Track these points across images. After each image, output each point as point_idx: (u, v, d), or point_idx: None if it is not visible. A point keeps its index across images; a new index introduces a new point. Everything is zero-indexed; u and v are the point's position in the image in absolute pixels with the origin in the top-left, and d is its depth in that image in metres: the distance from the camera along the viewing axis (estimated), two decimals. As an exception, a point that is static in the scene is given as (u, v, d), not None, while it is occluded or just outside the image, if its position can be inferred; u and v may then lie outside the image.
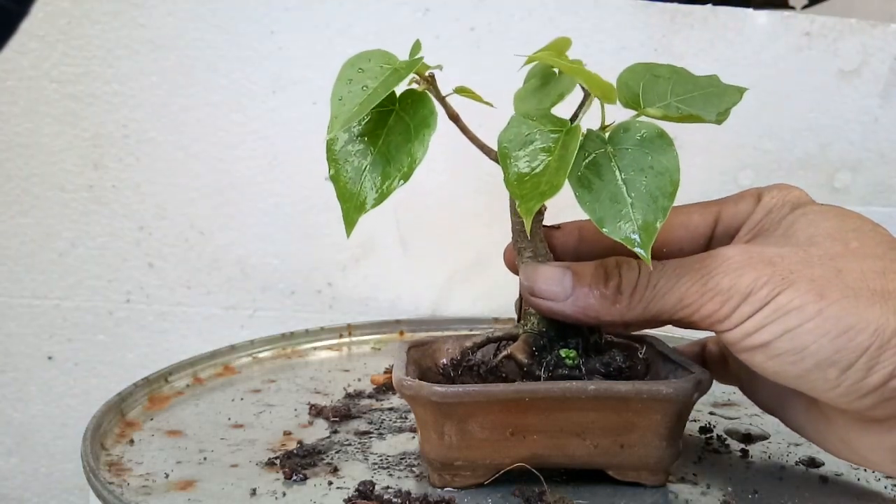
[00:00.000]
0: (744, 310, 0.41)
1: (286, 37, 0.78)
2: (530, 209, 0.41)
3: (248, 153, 0.80)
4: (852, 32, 0.74)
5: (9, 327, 0.83)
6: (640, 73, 0.47)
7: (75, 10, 0.77)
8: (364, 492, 0.46)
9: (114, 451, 0.53)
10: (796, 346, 0.40)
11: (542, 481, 0.45)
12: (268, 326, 0.82)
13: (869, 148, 0.76)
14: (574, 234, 0.50)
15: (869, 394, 0.40)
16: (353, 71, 0.44)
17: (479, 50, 0.77)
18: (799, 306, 0.40)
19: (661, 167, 0.42)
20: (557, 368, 0.46)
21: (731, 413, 0.59)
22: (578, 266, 0.45)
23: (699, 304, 0.42)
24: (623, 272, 0.44)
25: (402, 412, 0.59)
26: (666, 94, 0.46)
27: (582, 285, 0.45)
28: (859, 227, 0.43)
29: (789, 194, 0.47)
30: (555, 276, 0.45)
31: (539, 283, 0.45)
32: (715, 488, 0.47)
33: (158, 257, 0.82)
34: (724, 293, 0.41)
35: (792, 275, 0.41)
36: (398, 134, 0.44)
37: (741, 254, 0.42)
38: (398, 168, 0.43)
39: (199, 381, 0.65)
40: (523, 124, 0.44)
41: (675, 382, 0.44)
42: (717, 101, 0.46)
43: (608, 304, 0.44)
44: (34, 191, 0.81)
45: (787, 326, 0.40)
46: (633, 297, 0.44)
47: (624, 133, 0.43)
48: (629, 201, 0.41)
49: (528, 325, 0.48)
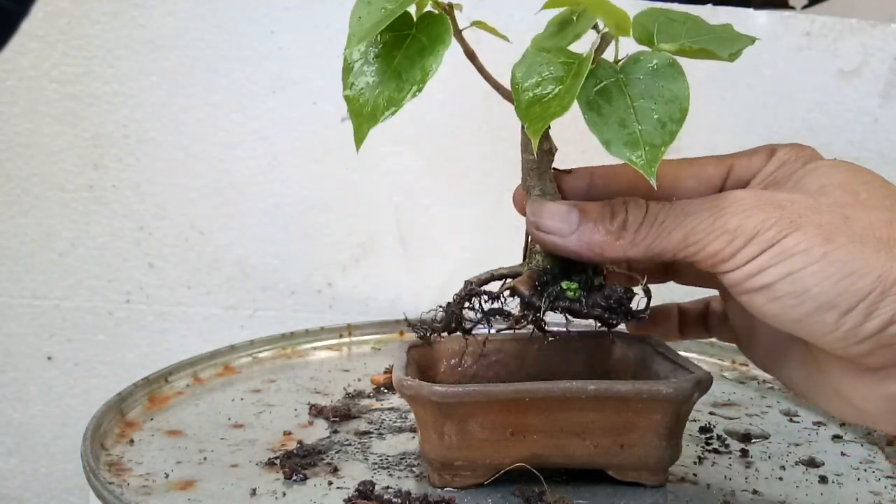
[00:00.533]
0: (749, 250, 0.41)
1: (286, 37, 0.78)
2: (537, 130, 0.41)
3: (248, 153, 0.80)
4: (852, 32, 0.74)
5: (9, 327, 0.83)
6: (655, 16, 0.47)
7: (75, 10, 0.77)
8: (364, 492, 0.46)
9: (114, 451, 0.53)
10: (798, 289, 0.40)
11: (542, 481, 0.45)
12: (268, 326, 0.82)
13: (869, 148, 0.76)
14: (585, 178, 0.49)
15: (866, 339, 0.40)
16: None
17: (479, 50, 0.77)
18: (805, 249, 0.40)
19: (670, 95, 0.42)
20: (558, 300, 0.45)
21: (731, 413, 0.59)
22: (585, 204, 0.45)
23: (704, 242, 0.42)
24: (630, 209, 0.44)
25: (402, 412, 0.59)
26: (680, 36, 0.46)
27: (587, 221, 0.45)
28: (870, 181, 0.43)
29: (803, 151, 0.47)
30: (561, 212, 0.45)
31: (545, 217, 0.45)
32: (715, 488, 0.47)
33: (158, 257, 0.82)
34: (731, 232, 0.41)
35: (800, 218, 0.41)
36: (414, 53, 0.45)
37: (751, 196, 0.42)
38: (411, 81, 0.44)
39: (199, 381, 0.65)
40: (537, 56, 0.44)
41: (675, 382, 0.44)
42: (729, 43, 0.47)
43: (612, 240, 0.44)
44: (34, 191, 0.81)
45: (791, 268, 0.40)
46: (639, 232, 0.44)
47: (636, 63, 0.44)
48: (637, 126, 0.41)
49: (532, 263, 0.47)
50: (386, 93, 0.44)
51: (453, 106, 0.79)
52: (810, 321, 0.41)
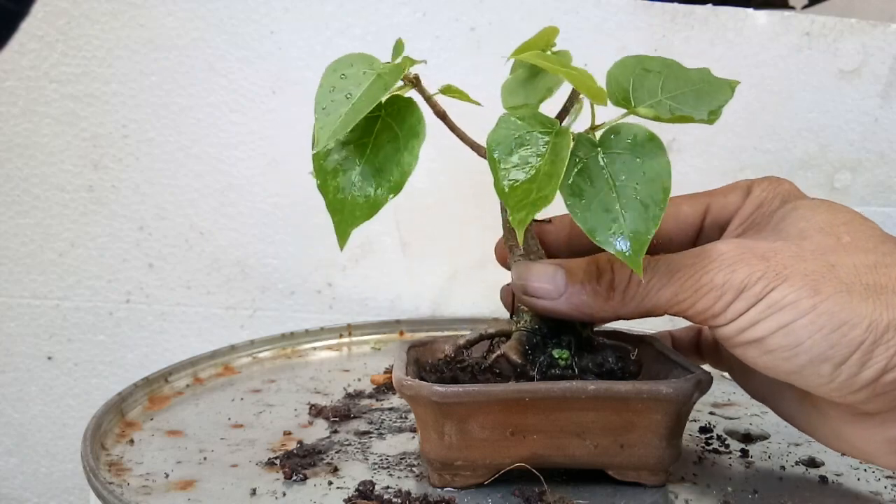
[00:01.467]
0: (738, 305, 0.41)
1: (286, 37, 0.78)
2: (522, 220, 0.40)
3: (248, 153, 0.80)
4: (852, 32, 0.74)
5: (9, 327, 0.83)
6: (630, 68, 0.46)
7: (75, 10, 0.77)
8: (364, 492, 0.46)
9: (114, 451, 0.53)
10: (790, 342, 0.40)
11: (542, 481, 0.45)
12: (268, 326, 0.82)
13: (869, 148, 0.76)
14: (565, 228, 0.50)
15: (862, 389, 0.40)
16: (335, 77, 0.43)
17: (479, 50, 0.77)
18: (793, 302, 0.40)
19: (652, 173, 0.41)
20: (550, 369, 0.46)
21: (731, 413, 0.59)
22: (570, 263, 0.45)
23: (693, 300, 0.42)
24: (616, 269, 0.44)
25: (402, 412, 0.59)
26: (657, 91, 0.45)
27: (574, 282, 0.44)
28: (850, 221, 0.43)
29: (779, 187, 0.47)
30: (547, 274, 0.45)
31: (532, 281, 0.45)
32: (715, 488, 0.47)
33: (158, 257, 0.82)
34: (718, 289, 0.41)
35: (785, 270, 0.41)
36: (386, 143, 0.43)
37: (734, 249, 0.42)
38: (388, 179, 0.43)
39: (199, 381, 0.65)
40: (512, 125, 0.43)
41: (675, 382, 0.44)
42: (708, 98, 0.45)
43: (602, 301, 0.44)
44: (34, 191, 0.81)
45: (782, 322, 0.40)
46: (627, 293, 0.44)
47: (615, 137, 0.43)
48: (620, 211, 0.41)
49: (520, 323, 0.48)
50: (364, 192, 0.43)
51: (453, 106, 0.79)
52: (805, 373, 0.41)
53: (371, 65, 0.44)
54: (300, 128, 0.80)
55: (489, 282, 0.80)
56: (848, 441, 0.45)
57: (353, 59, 0.44)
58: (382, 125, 0.43)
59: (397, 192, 0.43)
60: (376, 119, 0.43)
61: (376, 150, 0.43)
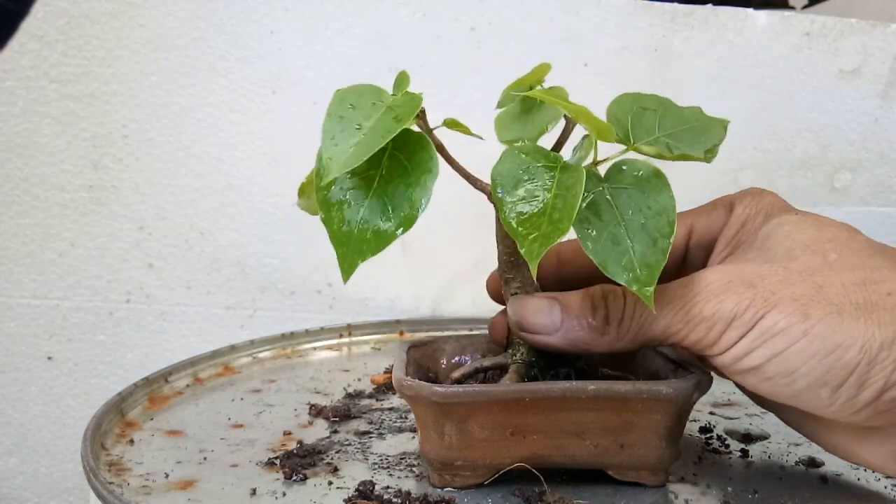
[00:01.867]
0: (730, 335, 0.41)
1: (286, 37, 0.78)
2: (536, 253, 0.40)
3: (248, 153, 0.80)
4: (852, 32, 0.74)
5: (9, 327, 0.83)
6: (627, 106, 0.47)
7: (75, 10, 0.77)
8: (364, 492, 0.46)
9: (114, 451, 0.53)
10: (786, 369, 0.40)
11: (542, 481, 0.45)
12: (268, 326, 0.82)
13: (869, 148, 0.76)
14: (553, 257, 0.50)
15: (864, 409, 0.40)
16: (343, 107, 0.43)
17: (479, 50, 0.77)
18: (784, 328, 0.40)
19: (658, 207, 0.42)
20: None
21: (731, 413, 0.59)
22: (566, 297, 0.45)
23: (685, 332, 0.42)
24: (609, 303, 0.44)
25: (402, 412, 0.59)
26: (654, 129, 0.46)
27: (570, 317, 0.45)
28: (836, 237, 0.43)
29: (762, 201, 0.47)
30: (543, 309, 0.45)
31: (528, 316, 0.45)
32: (715, 488, 0.47)
33: (158, 257, 0.82)
34: (709, 320, 0.42)
35: (774, 295, 0.41)
36: (396, 177, 0.42)
37: (721, 277, 0.42)
38: (398, 215, 0.42)
39: (199, 381, 0.65)
40: (516, 159, 0.43)
41: (675, 382, 0.44)
42: (702, 136, 0.46)
43: (597, 335, 0.44)
44: (34, 191, 0.81)
45: (775, 350, 0.40)
46: (621, 327, 0.44)
47: (620, 172, 0.43)
48: (630, 244, 0.41)
49: (517, 356, 0.48)
50: (373, 227, 0.42)
51: (453, 107, 0.79)
52: (804, 398, 0.41)
53: (380, 97, 0.43)
54: (300, 128, 0.81)
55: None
56: (855, 453, 0.45)
57: (362, 89, 0.44)
58: (391, 158, 0.43)
59: (408, 229, 0.42)
60: (383, 152, 0.43)
61: (385, 184, 0.42)
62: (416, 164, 0.43)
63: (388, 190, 0.42)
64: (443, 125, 0.45)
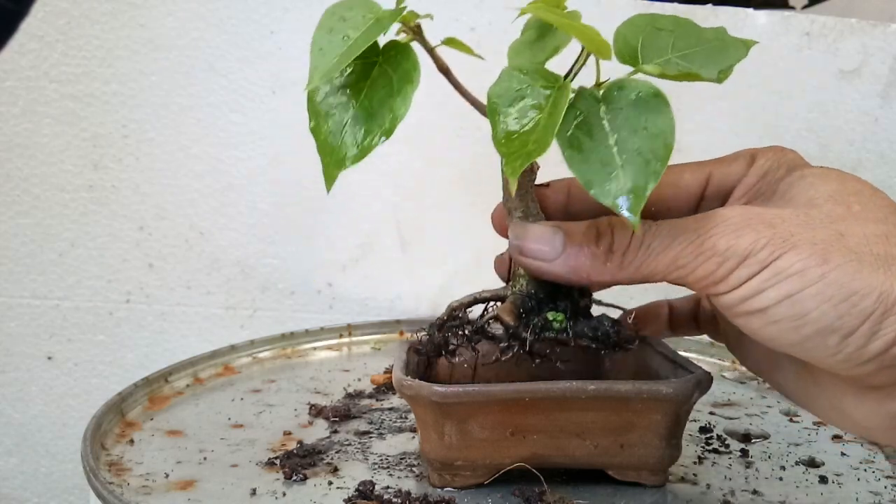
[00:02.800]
0: (741, 272, 0.40)
1: (286, 37, 0.78)
2: (515, 169, 0.39)
3: (248, 153, 0.80)
4: (852, 32, 0.74)
5: (9, 327, 0.83)
6: (640, 27, 0.45)
7: (75, 10, 0.77)
8: (364, 492, 0.46)
9: (114, 451, 0.53)
10: (797, 312, 0.39)
11: (542, 481, 0.45)
12: (268, 326, 0.82)
13: (869, 148, 0.76)
14: (563, 191, 0.48)
15: (870, 361, 0.39)
16: (334, 20, 0.43)
17: (479, 50, 0.77)
18: (801, 270, 0.39)
19: (655, 129, 0.40)
20: (544, 331, 0.45)
21: (731, 413, 0.59)
22: (570, 225, 0.44)
23: (694, 265, 0.41)
24: (615, 232, 0.43)
25: (402, 412, 0.59)
26: (667, 49, 0.44)
27: (573, 245, 0.43)
28: (860, 191, 0.42)
29: (784, 156, 0.46)
30: (545, 236, 0.44)
31: (529, 241, 0.44)
32: (715, 488, 0.47)
33: (158, 257, 0.82)
34: (721, 254, 0.40)
35: (793, 237, 0.39)
36: (381, 88, 0.43)
37: (740, 214, 0.41)
38: (380, 124, 0.42)
39: (199, 381, 0.65)
40: (514, 78, 0.42)
41: (675, 382, 0.44)
42: (720, 57, 0.44)
43: (599, 264, 0.43)
44: (34, 191, 0.81)
45: (788, 291, 0.39)
46: (626, 257, 0.42)
47: (618, 91, 0.41)
48: (619, 164, 0.39)
49: (517, 287, 0.46)
50: (353, 135, 0.43)
51: (453, 106, 0.79)
52: (810, 344, 0.40)
53: (371, 10, 0.43)
54: (300, 128, 0.80)
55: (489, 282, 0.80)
56: (849, 416, 0.43)
57: (354, 3, 0.44)
58: (379, 71, 0.43)
59: (387, 137, 0.42)
60: (373, 65, 0.43)
61: (371, 95, 0.43)
62: (399, 74, 0.43)
63: (373, 100, 0.43)
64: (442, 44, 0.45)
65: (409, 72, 0.43)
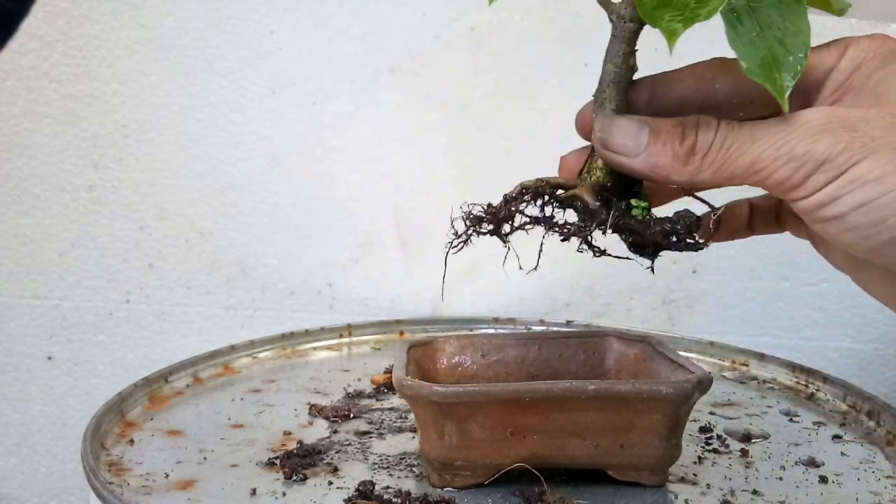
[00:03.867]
0: (818, 178, 0.39)
1: (286, 37, 0.78)
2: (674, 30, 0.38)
3: (248, 153, 0.80)
4: (852, 32, 0.74)
5: (9, 327, 0.83)
6: None
7: (75, 10, 0.77)
8: (364, 492, 0.46)
9: (114, 451, 0.53)
10: (873, 220, 0.38)
11: (542, 481, 0.45)
12: (268, 326, 0.82)
13: (869, 148, 0.76)
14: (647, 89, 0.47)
15: None
16: None
17: (479, 50, 0.77)
18: (878, 177, 0.38)
19: (795, 28, 0.40)
20: (624, 218, 0.44)
21: (731, 413, 0.59)
22: (657, 122, 0.43)
23: (771, 169, 0.40)
24: (700, 132, 0.42)
25: (402, 412, 0.59)
26: None
27: (657, 142, 0.42)
28: None
29: (882, 46, 0.43)
30: (631, 130, 0.43)
31: (614, 135, 0.43)
32: (715, 488, 0.47)
33: (158, 257, 0.82)
34: (798, 159, 0.39)
35: (874, 142, 0.38)
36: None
37: (822, 117, 0.40)
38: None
39: (199, 381, 0.65)
40: None
41: (675, 382, 0.44)
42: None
43: (679, 165, 0.42)
44: (34, 191, 0.81)
45: (864, 198, 0.38)
46: (706, 158, 0.41)
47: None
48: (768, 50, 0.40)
49: (592, 178, 0.45)
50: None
51: (454, 106, 0.79)
52: (887, 251, 0.39)
53: None
54: (300, 128, 0.81)
55: (489, 282, 0.80)
56: None
57: None
58: None
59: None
60: None
61: None
62: None
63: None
64: None
65: None
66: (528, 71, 0.77)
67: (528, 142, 0.79)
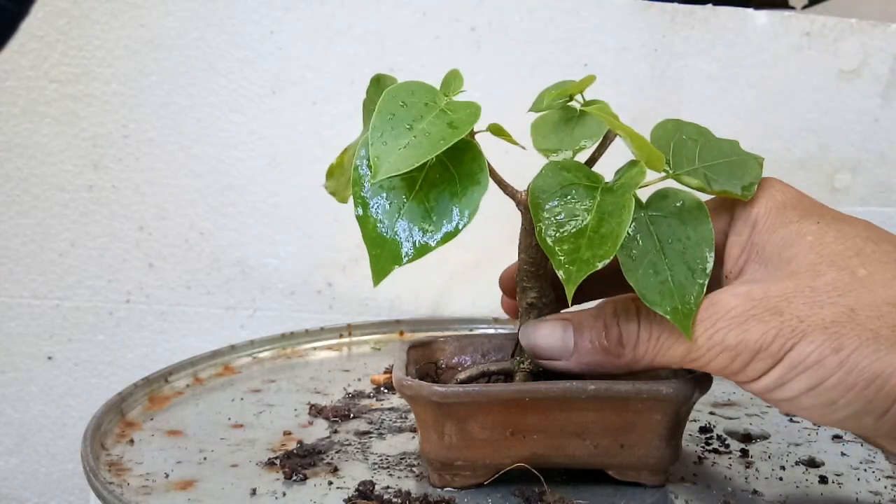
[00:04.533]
0: (756, 366, 0.39)
1: (286, 37, 0.78)
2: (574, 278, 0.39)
3: (248, 153, 0.80)
4: (852, 32, 0.74)
5: (9, 327, 0.83)
6: (669, 133, 0.46)
7: (75, 10, 0.77)
8: (364, 492, 0.46)
9: (114, 451, 0.53)
10: (824, 402, 0.38)
11: (542, 481, 0.45)
12: (268, 326, 0.82)
13: (869, 148, 0.76)
14: None
15: None
16: (395, 104, 0.41)
17: (479, 50, 0.77)
18: (817, 361, 0.38)
19: (697, 237, 0.41)
20: None
21: (731, 413, 0.59)
22: (577, 317, 0.44)
23: (708, 358, 0.40)
24: (621, 322, 0.42)
25: (402, 412, 0.59)
26: (694, 159, 0.45)
27: (583, 339, 0.43)
28: (861, 250, 0.40)
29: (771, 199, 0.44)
30: (556, 333, 0.44)
31: (540, 341, 0.44)
32: (715, 488, 0.47)
33: (158, 257, 0.82)
34: (732, 349, 0.39)
35: (802, 323, 0.38)
36: (441, 183, 0.40)
37: (743, 303, 0.40)
38: (439, 226, 0.41)
39: (199, 381, 0.65)
40: (557, 175, 0.42)
41: (675, 382, 0.44)
42: (739, 171, 0.45)
43: (613, 359, 0.42)
44: (34, 191, 0.81)
45: (809, 383, 0.38)
46: (637, 350, 0.42)
47: (662, 200, 0.43)
48: (669, 274, 0.41)
49: (525, 363, 0.47)
50: (413, 233, 0.41)
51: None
52: (849, 425, 0.39)
53: (433, 97, 0.42)
54: (300, 128, 0.81)
55: (489, 282, 0.80)
56: None
57: (414, 87, 0.42)
58: (438, 165, 0.41)
59: (448, 241, 0.41)
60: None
61: (428, 188, 0.41)
62: (463, 174, 0.41)
63: (430, 196, 0.41)
64: (486, 130, 0.44)
65: (475, 173, 0.41)
66: (528, 71, 0.77)
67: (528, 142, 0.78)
